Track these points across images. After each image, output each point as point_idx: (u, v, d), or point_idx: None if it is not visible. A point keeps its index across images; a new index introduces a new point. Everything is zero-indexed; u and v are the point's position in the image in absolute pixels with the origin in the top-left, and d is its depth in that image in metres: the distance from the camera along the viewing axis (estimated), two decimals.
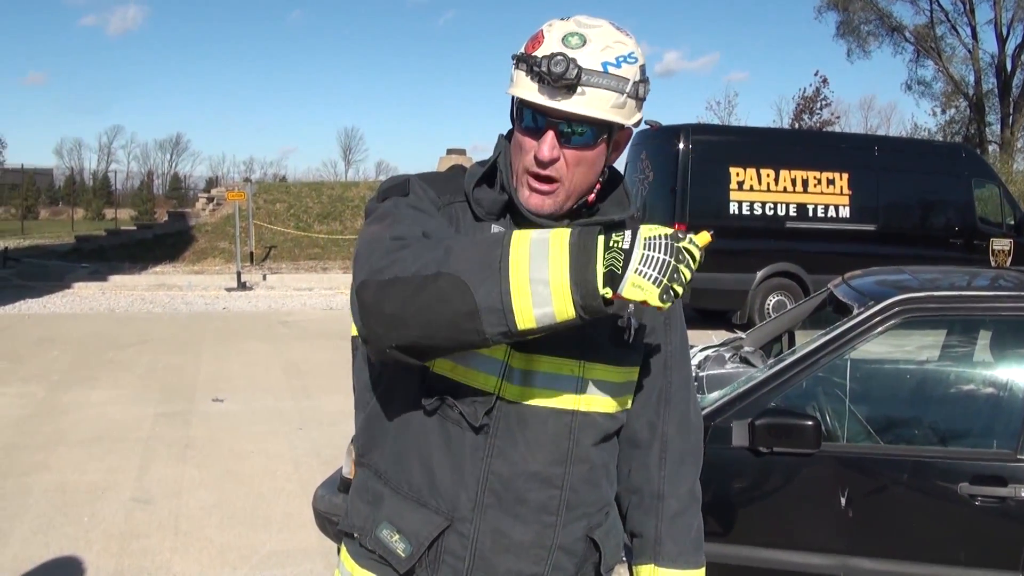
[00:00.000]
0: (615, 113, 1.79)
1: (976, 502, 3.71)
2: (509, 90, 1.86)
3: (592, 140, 1.82)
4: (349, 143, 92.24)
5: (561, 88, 1.73)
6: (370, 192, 29.03)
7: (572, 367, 1.89)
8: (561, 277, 1.53)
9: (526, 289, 1.55)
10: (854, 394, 4.45)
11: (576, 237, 1.56)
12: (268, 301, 18.43)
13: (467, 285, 1.56)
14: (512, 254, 1.56)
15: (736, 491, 3.89)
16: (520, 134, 1.85)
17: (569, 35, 1.76)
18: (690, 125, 15.48)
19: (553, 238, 1.56)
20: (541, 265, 1.55)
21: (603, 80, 1.75)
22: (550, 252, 1.55)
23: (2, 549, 5.56)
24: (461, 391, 1.86)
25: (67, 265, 23.37)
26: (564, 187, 1.84)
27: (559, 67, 1.71)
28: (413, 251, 1.64)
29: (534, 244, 1.57)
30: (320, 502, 4.56)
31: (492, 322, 1.57)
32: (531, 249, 1.56)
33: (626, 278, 1.54)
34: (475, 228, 1.91)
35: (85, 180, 72.79)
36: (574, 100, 1.74)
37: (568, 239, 1.56)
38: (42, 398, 9.54)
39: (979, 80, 41.04)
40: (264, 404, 9.43)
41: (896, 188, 15.43)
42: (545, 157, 1.79)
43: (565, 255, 1.54)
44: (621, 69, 1.76)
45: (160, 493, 6.64)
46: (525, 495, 1.88)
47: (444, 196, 1.93)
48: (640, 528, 2.11)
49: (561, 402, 1.89)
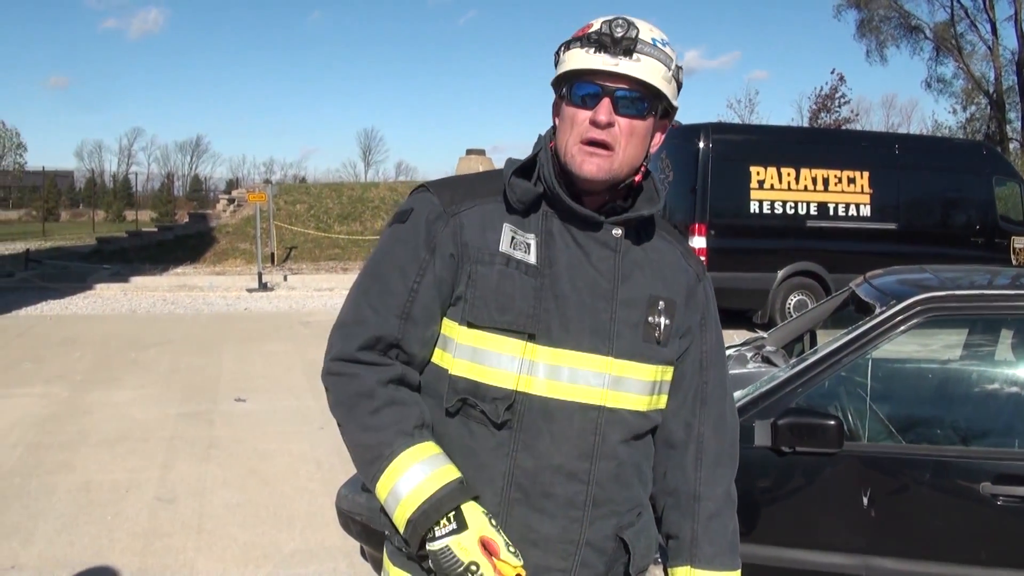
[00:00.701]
0: (665, 86, 1.89)
1: (998, 502, 3.69)
2: (560, 69, 1.94)
3: (643, 111, 1.89)
4: (369, 144, 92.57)
5: (620, 51, 1.84)
6: (389, 193, 29.22)
7: (600, 363, 1.91)
8: (402, 517, 1.85)
9: (383, 496, 1.89)
10: (876, 393, 4.45)
11: (412, 523, 1.82)
12: (289, 302, 18.48)
13: (356, 460, 1.97)
14: (382, 481, 1.88)
15: (758, 491, 3.89)
16: (572, 107, 1.92)
17: (616, 18, 1.87)
18: (710, 124, 15.42)
19: (398, 510, 1.86)
20: (395, 501, 1.86)
21: (655, 51, 1.87)
22: (395, 517, 1.87)
23: (27, 547, 5.60)
24: (481, 390, 1.89)
25: (89, 266, 23.51)
26: (618, 156, 1.89)
27: (620, 29, 1.84)
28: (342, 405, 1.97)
29: (392, 498, 1.86)
30: (343, 501, 4.56)
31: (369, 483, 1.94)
32: (386, 499, 1.88)
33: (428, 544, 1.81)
34: (485, 229, 1.96)
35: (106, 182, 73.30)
36: (632, 64, 1.85)
37: (407, 520, 1.83)
38: (65, 398, 9.60)
39: (999, 77, 40.80)
40: (286, 404, 9.46)
41: (917, 186, 15.35)
42: (603, 120, 1.86)
43: (401, 526, 1.85)
44: (667, 48, 1.89)
45: (183, 492, 6.67)
46: (551, 489, 1.90)
47: (454, 205, 1.97)
48: (676, 530, 2.11)
49: (588, 397, 1.91)
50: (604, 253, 1.95)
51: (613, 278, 1.95)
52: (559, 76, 1.94)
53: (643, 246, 2.03)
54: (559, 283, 1.91)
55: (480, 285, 1.90)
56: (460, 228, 1.94)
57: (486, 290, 1.90)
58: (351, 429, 1.93)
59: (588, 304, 1.92)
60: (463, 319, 1.91)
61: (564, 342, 1.89)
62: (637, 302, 1.97)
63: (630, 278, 1.97)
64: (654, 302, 1.99)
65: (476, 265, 1.91)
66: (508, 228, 1.94)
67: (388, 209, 28.02)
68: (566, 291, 1.91)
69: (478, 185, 2.03)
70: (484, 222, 1.95)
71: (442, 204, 1.97)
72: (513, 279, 1.90)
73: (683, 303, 2.05)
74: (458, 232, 1.94)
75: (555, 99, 2.00)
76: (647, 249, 2.03)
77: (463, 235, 1.94)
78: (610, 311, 1.93)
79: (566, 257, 1.93)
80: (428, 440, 1.88)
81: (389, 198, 29.11)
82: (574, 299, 1.91)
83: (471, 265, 1.92)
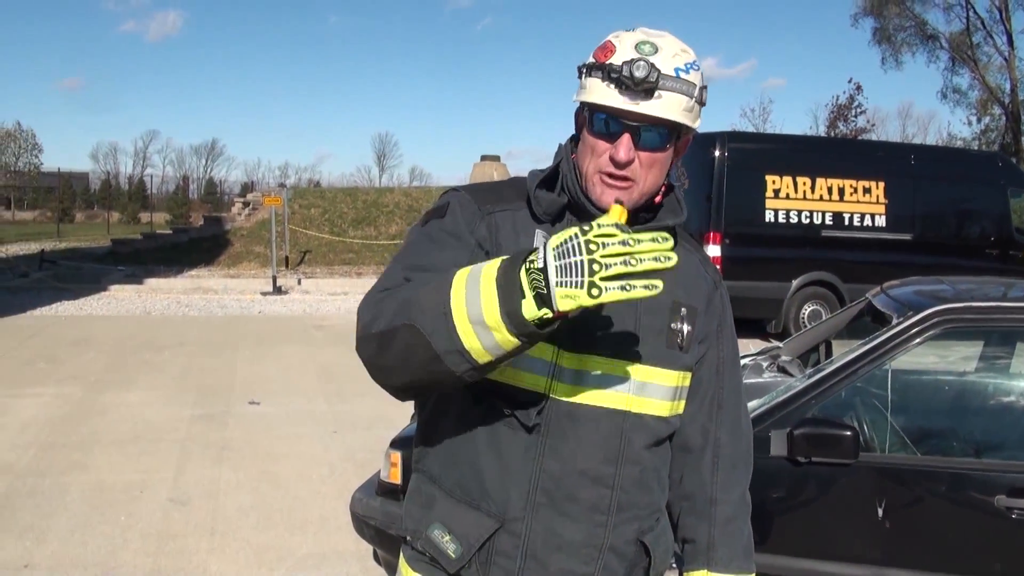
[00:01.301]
0: (686, 116, 1.85)
1: (1013, 515, 3.69)
2: (580, 97, 1.90)
3: (664, 142, 1.88)
4: (383, 149, 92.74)
5: (641, 92, 1.79)
6: (404, 198, 29.26)
7: (625, 368, 1.92)
8: (494, 314, 1.58)
9: (470, 331, 1.61)
10: (892, 405, 4.44)
11: (501, 273, 1.60)
12: (303, 305, 18.52)
13: (424, 334, 1.64)
14: (453, 300, 1.62)
15: (774, 500, 3.89)
16: (593, 137, 1.89)
17: (641, 43, 1.83)
18: (726, 133, 15.42)
19: (483, 276, 1.61)
20: (476, 306, 1.60)
21: (677, 84, 1.82)
22: (481, 293, 1.60)
23: (40, 547, 5.62)
24: (511, 393, 1.89)
25: (103, 268, 23.60)
26: (638, 187, 1.89)
27: (641, 71, 1.78)
28: (388, 302, 1.74)
29: (468, 287, 1.62)
30: (357, 505, 4.58)
31: (455, 362, 1.64)
32: (467, 293, 1.61)
33: (553, 296, 1.55)
34: (519, 233, 1.94)
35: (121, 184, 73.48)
36: (652, 103, 1.81)
37: (495, 277, 1.60)
38: (79, 399, 9.63)
39: (1015, 88, 40.65)
40: (299, 407, 9.48)
41: (932, 197, 15.31)
42: (622, 159, 1.84)
43: (493, 293, 1.59)
44: (690, 75, 1.84)
45: (197, 494, 6.69)
46: (576, 493, 1.90)
47: (487, 205, 1.97)
48: (692, 534, 2.12)
49: (614, 402, 1.92)
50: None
51: None
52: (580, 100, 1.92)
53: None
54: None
55: None
56: (496, 228, 1.95)
57: None
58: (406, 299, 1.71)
59: (613, 310, 1.90)
60: None
61: (590, 347, 1.89)
62: (660, 308, 1.96)
63: None
64: (676, 308, 1.99)
65: None
66: (540, 235, 1.93)
67: (402, 214, 28.07)
68: None
69: (505, 191, 2.03)
70: (516, 227, 1.95)
71: (477, 203, 1.97)
72: None
73: (703, 310, 2.06)
74: (494, 231, 1.94)
75: (577, 112, 1.99)
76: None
77: (498, 235, 1.94)
78: (634, 317, 1.93)
79: None
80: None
81: (403, 203, 29.14)
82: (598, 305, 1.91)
83: None
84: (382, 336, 1.72)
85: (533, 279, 1.57)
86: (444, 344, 1.63)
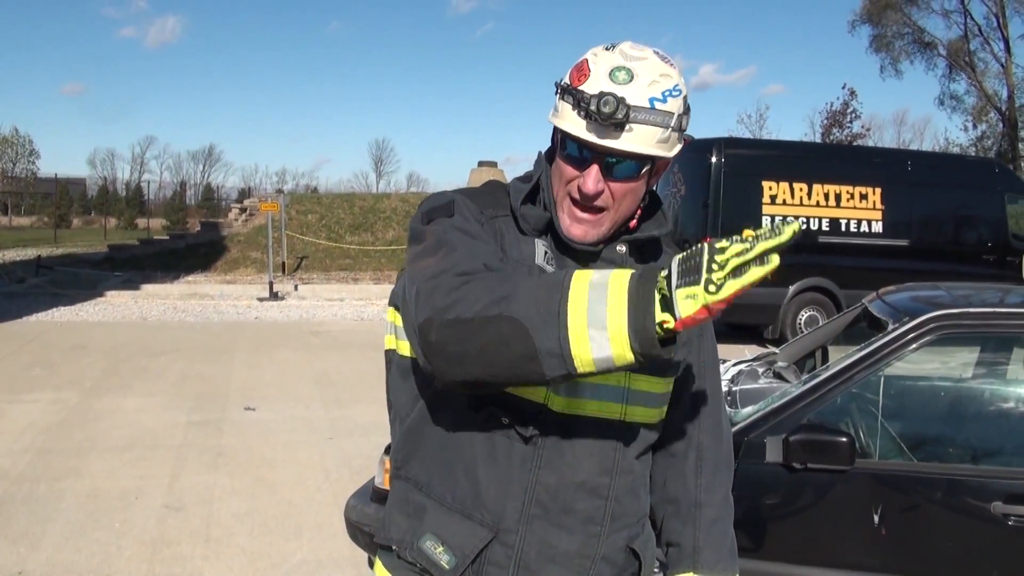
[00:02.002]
0: (660, 148, 1.80)
1: (1009, 522, 3.68)
2: (554, 120, 1.86)
3: (636, 172, 1.83)
4: (381, 155, 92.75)
5: (609, 127, 1.74)
6: (401, 204, 29.17)
7: (618, 377, 1.90)
8: (620, 326, 1.50)
9: (584, 336, 1.52)
10: (888, 411, 4.44)
11: (635, 285, 1.51)
12: (299, 311, 18.51)
13: (527, 330, 1.54)
14: (572, 299, 1.53)
15: (769, 507, 3.87)
16: (563, 162, 1.86)
17: (616, 69, 1.76)
18: (723, 139, 15.42)
19: (612, 284, 1.53)
20: (599, 312, 1.51)
21: (650, 116, 1.75)
22: (608, 299, 1.51)
23: (35, 553, 5.60)
24: (510, 403, 1.85)
25: (100, 273, 23.58)
26: (610, 216, 1.86)
27: (608, 107, 1.72)
28: (475, 289, 1.62)
29: (593, 289, 1.53)
30: (352, 512, 4.57)
31: (552, 366, 1.55)
32: (590, 294, 1.53)
33: (675, 299, 1.47)
34: (520, 241, 1.91)
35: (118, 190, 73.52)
36: (622, 138, 1.75)
37: (628, 287, 1.52)
38: (75, 404, 9.62)
39: (1012, 95, 40.76)
40: (295, 413, 9.46)
41: (929, 203, 15.33)
42: (591, 191, 1.81)
43: (624, 303, 1.50)
44: (667, 104, 1.77)
45: (192, 500, 6.68)
46: (572, 505, 1.89)
47: (487, 211, 1.94)
48: (677, 537, 2.11)
49: (607, 412, 1.91)
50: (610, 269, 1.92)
51: None
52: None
53: (647, 263, 2.00)
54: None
55: None
56: (500, 234, 1.92)
57: None
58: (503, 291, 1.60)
59: None
60: None
61: None
62: None
63: None
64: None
65: None
66: (540, 243, 1.91)
67: (399, 220, 28.05)
68: None
69: (497, 197, 1.99)
70: (517, 233, 1.93)
71: (477, 206, 1.93)
72: None
73: None
74: (499, 237, 1.91)
75: (554, 128, 1.92)
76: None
77: (503, 241, 1.91)
78: None
79: None
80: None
81: (400, 209, 29.12)
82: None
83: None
84: (469, 324, 1.59)
85: (661, 287, 1.51)
86: (547, 344, 1.54)
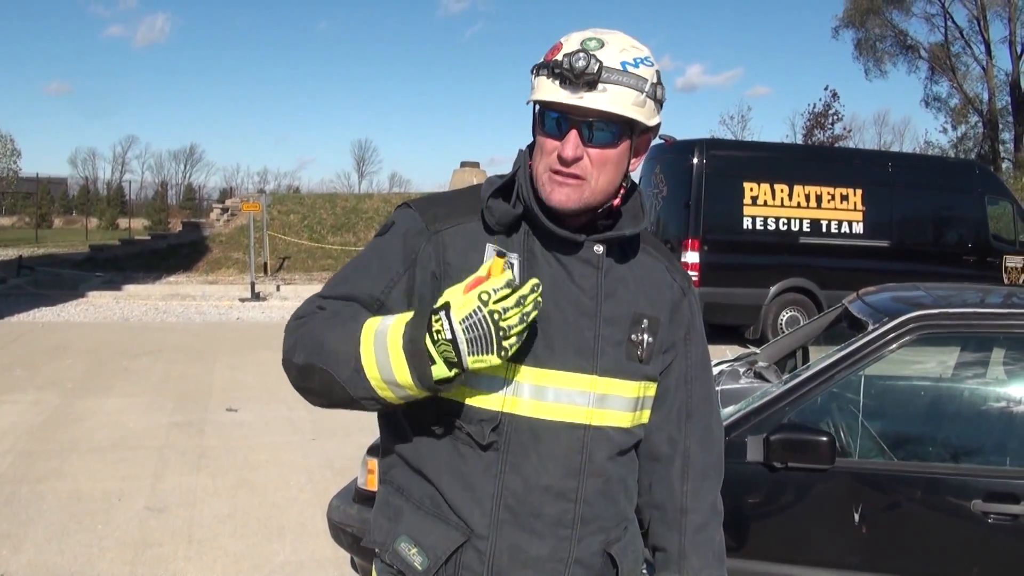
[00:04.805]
0: (636, 111, 1.82)
1: (989, 519, 3.71)
2: (531, 97, 1.88)
3: (614, 139, 1.85)
4: (363, 155, 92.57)
5: (583, 85, 1.78)
6: (383, 204, 29.23)
7: (584, 382, 1.91)
8: (407, 378, 1.72)
9: (384, 387, 1.76)
10: (868, 410, 4.46)
11: (407, 340, 1.72)
12: (281, 312, 18.42)
13: (339, 382, 1.80)
14: (364, 360, 1.76)
15: (750, 506, 3.90)
16: (543, 137, 1.89)
17: (587, 39, 1.82)
18: (705, 140, 15.49)
19: (390, 343, 1.73)
20: (387, 370, 1.74)
21: (623, 78, 1.80)
22: (391, 358, 1.73)
23: (16, 556, 5.58)
24: (467, 411, 1.88)
25: (81, 274, 23.50)
26: (589, 185, 1.86)
27: (580, 62, 1.77)
28: (305, 338, 1.87)
29: (376, 350, 1.75)
30: (335, 512, 4.57)
31: (372, 406, 1.83)
32: (376, 356, 1.75)
33: (465, 363, 1.71)
34: (468, 250, 1.92)
35: (99, 190, 73.05)
36: (595, 96, 1.79)
37: (401, 343, 1.72)
38: (57, 406, 9.57)
39: (993, 97, 41.02)
40: (278, 414, 9.44)
41: (910, 204, 15.42)
42: (569, 156, 1.82)
43: (402, 360, 1.72)
44: (639, 69, 1.82)
45: (174, 502, 6.66)
46: (540, 509, 1.90)
47: (436, 223, 1.95)
48: (663, 542, 2.11)
49: (574, 416, 1.90)
50: (586, 271, 1.93)
51: (596, 295, 1.93)
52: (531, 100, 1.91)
53: (627, 263, 2.01)
54: (542, 302, 1.85)
55: None
56: (443, 247, 1.92)
57: None
58: (311, 345, 1.85)
59: (571, 322, 1.90)
60: None
61: (548, 362, 1.88)
62: (620, 319, 1.95)
63: (613, 295, 1.95)
64: (638, 319, 1.97)
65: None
66: (491, 248, 1.91)
67: (381, 220, 27.95)
68: (549, 310, 1.88)
69: (459, 203, 2.00)
70: (466, 242, 1.93)
71: (424, 221, 1.95)
72: None
73: (667, 319, 2.04)
74: (440, 251, 1.92)
75: (533, 115, 1.95)
76: (631, 265, 2.02)
77: (446, 254, 1.92)
78: (594, 329, 1.92)
79: (549, 276, 1.90)
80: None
81: (383, 209, 29.11)
82: (557, 318, 1.89)
83: (453, 286, 1.87)
84: (301, 369, 1.86)
85: (443, 350, 1.70)
86: (360, 393, 1.79)
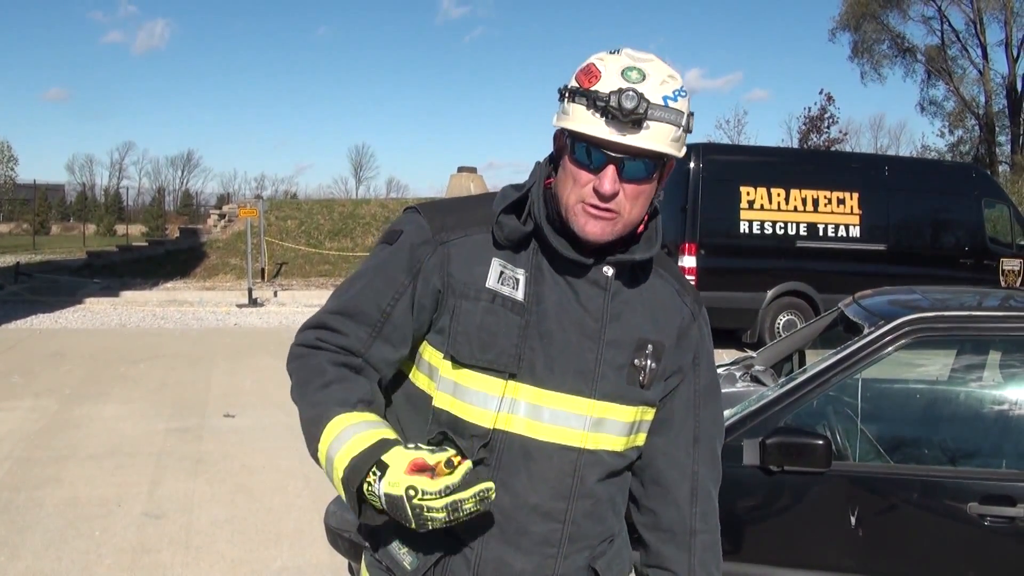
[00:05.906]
0: (673, 146, 1.79)
1: (985, 522, 3.71)
2: (563, 124, 1.83)
3: (649, 173, 1.82)
4: (360, 160, 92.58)
5: (628, 123, 1.73)
6: (380, 210, 29.21)
7: (582, 405, 1.90)
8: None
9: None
10: (864, 413, 4.46)
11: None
12: (279, 317, 18.44)
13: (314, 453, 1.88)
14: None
15: (747, 509, 3.90)
16: (575, 167, 1.83)
17: (627, 69, 1.76)
18: (701, 144, 15.45)
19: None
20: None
21: (666, 114, 1.75)
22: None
23: (14, 563, 5.58)
24: (460, 425, 1.88)
25: (79, 280, 23.47)
26: (623, 218, 1.84)
27: (630, 102, 1.71)
28: (299, 370, 1.95)
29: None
30: (332, 518, 4.56)
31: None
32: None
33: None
34: (473, 263, 1.91)
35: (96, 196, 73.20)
36: (641, 135, 1.75)
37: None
38: (54, 412, 9.56)
39: (989, 100, 41.06)
40: (275, 420, 9.41)
41: (906, 208, 15.41)
42: (607, 191, 1.78)
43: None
44: (678, 103, 1.77)
45: (171, 508, 6.65)
46: (527, 527, 1.90)
47: (443, 233, 1.93)
48: (672, 564, 2.08)
49: (568, 439, 1.90)
50: (593, 292, 1.91)
51: (601, 318, 1.91)
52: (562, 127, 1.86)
53: (637, 286, 1.98)
54: (545, 321, 1.87)
55: (463, 321, 1.87)
56: (447, 259, 1.91)
57: (469, 326, 1.87)
58: (303, 407, 1.91)
59: (574, 344, 1.89)
60: (446, 353, 1.89)
61: (547, 382, 1.87)
62: (624, 344, 1.93)
63: (619, 318, 1.93)
64: (642, 345, 1.95)
65: (461, 300, 1.88)
66: (497, 263, 1.90)
67: (379, 225, 28.02)
68: (552, 330, 1.87)
69: (469, 213, 1.98)
70: (472, 255, 1.91)
71: (432, 230, 1.93)
72: (498, 316, 1.87)
73: (673, 344, 2.01)
74: (445, 263, 1.90)
75: (557, 134, 1.91)
76: (641, 289, 1.99)
77: (450, 266, 1.90)
78: (596, 352, 1.90)
79: (555, 295, 1.90)
80: (367, 411, 1.83)
81: (380, 215, 29.09)
82: (560, 338, 1.88)
83: (456, 299, 1.89)
84: (294, 397, 1.96)
85: (372, 499, 1.73)
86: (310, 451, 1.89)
